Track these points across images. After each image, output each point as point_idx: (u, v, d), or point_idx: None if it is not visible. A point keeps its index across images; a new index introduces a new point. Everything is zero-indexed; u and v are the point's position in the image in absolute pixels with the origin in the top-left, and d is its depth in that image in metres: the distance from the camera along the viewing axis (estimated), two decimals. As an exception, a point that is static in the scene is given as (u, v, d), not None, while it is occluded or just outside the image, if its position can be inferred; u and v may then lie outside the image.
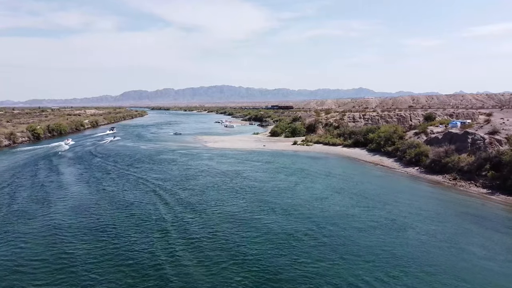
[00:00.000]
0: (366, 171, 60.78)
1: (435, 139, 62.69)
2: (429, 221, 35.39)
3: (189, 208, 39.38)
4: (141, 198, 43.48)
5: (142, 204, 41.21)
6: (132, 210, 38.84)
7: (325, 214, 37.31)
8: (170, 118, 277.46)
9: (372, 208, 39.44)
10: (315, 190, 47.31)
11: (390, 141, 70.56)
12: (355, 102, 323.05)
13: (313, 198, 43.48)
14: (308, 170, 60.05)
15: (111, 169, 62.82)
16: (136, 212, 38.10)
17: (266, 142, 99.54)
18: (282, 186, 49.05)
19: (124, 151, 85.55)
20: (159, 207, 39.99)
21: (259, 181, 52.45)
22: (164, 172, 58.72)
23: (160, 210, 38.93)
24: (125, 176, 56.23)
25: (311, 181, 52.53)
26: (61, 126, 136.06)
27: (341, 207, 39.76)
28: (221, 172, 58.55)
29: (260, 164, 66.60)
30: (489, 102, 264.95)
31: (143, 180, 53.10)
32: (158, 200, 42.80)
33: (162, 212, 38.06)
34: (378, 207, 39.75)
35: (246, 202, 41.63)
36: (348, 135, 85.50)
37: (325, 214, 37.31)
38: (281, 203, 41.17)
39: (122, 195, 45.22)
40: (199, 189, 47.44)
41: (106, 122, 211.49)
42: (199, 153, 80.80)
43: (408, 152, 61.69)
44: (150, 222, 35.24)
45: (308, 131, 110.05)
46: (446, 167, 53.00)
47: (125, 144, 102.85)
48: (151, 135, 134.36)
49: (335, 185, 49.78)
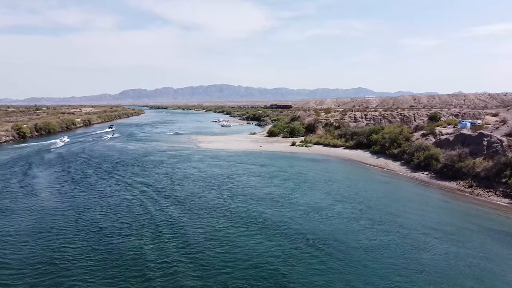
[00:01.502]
0: (370, 176, 55.36)
1: (445, 141, 57.29)
2: (447, 240, 29.99)
3: (168, 224, 33.90)
4: (112, 209, 37.97)
5: (112, 217, 35.74)
6: (100, 224, 33.36)
7: (324, 230, 31.88)
8: (166, 117, 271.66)
9: (379, 222, 34.04)
10: (313, 198, 41.88)
11: (396, 142, 65.13)
12: (355, 102, 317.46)
13: (311, 208, 38.07)
14: (307, 175, 54.63)
15: (91, 172, 57.30)
16: (104, 227, 32.63)
17: (263, 143, 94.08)
18: (277, 194, 43.61)
19: (110, 152, 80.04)
20: (133, 223, 34.51)
21: (252, 187, 47.00)
22: (146, 177, 53.20)
23: (133, 228, 33.46)
24: (103, 181, 50.74)
25: (310, 187, 47.12)
26: (50, 124, 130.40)
27: (343, 220, 34.37)
28: (210, 177, 53.09)
29: (255, 167, 61.15)
30: (492, 102, 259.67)
31: (120, 187, 47.61)
32: (133, 213, 37.32)
33: (134, 232, 32.59)
34: (386, 220, 34.36)
35: (233, 214, 36.17)
36: (350, 136, 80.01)
37: (324, 230, 31.88)
38: (274, 215, 35.74)
39: (93, 204, 39.71)
40: (183, 198, 41.93)
41: (100, 120, 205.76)
42: (189, 155, 75.31)
43: (416, 155, 56.28)
44: (118, 241, 29.79)
45: (307, 131, 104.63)
46: (460, 173, 47.61)
47: (114, 144, 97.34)
48: (144, 134, 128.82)
49: (336, 193, 44.36)
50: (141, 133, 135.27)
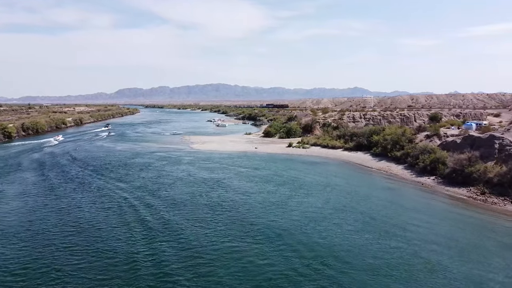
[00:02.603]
0: (372, 181, 51.48)
1: (452, 143, 53.54)
2: (465, 259, 26.14)
3: (147, 236, 29.89)
4: (89, 219, 33.87)
5: (88, 227, 31.67)
6: (64, 241, 29.29)
7: (323, 246, 27.95)
8: (161, 117, 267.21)
9: (385, 236, 30.18)
10: (310, 207, 37.96)
11: (398, 144, 61.32)
12: (353, 102, 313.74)
13: (308, 219, 34.16)
14: (304, 179, 50.72)
15: (71, 176, 53.09)
16: (75, 241, 28.57)
17: (259, 144, 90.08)
18: (271, 201, 39.64)
19: (97, 153, 75.79)
20: (108, 234, 30.47)
21: (243, 193, 43.01)
22: (129, 182, 49.08)
23: (108, 239, 29.42)
24: (84, 186, 46.58)
25: (306, 193, 43.19)
26: (38, 124, 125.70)
27: (345, 234, 30.48)
28: (200, 182, 49.07)
29: (248, 170, 57.17)
30: (490, 102, 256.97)
31: (98, 194, 43.50)
32: (110, 222, 33.24)
33: (112, 244, 28.55)
34: (392, 234, 30.50)
35: (221, 226, 32.18)
36: (349, 137, 76.14)
37: (323, 246, 27.95)
38: (267, 227, 31.79)
39: (68, 213, 35.59)
40: (166, 206, 37.86)
41: (92, 120, 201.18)
42: (180, 156, 71.18)
43: (421, 159, 52.49)
44: (91, 252, 25.74)
45: (304, 132, 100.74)
46: (470, 178, 43.83)
47: (103, 145, 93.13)
48: (135, 134, 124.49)
49: (336, 200, 40.44)
50: (133, 133, 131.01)
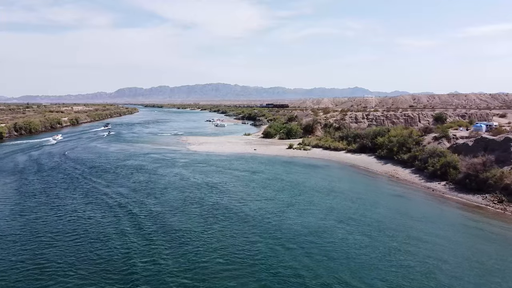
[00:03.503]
0: (378, 186, 48.09)
1: (463, 146, 50.20)
2: (490, 284, 22.81)
3: (128, 254, 26.53)
4: (64, 230, 30.49)
5: (62, 238, 28.30)
6: (49, 250, 25.92)
7: (327, 267, 24.54)
8: (160, 116, 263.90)
9: (398, 253, 26.81)
10: (312, 217, 34.60)
11: (405, 147, 57.99)
12: (354, 101, 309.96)
13: (309, 231, 30.79)
14: (305, 184, 47.37)
15: (55, 182, 49.68)
16: (47, 255, 25.20)
17: (258, 145, 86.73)
18: (268, 210, 36.28)
19: (88, 155, 72.43)
20: (84, 247, 27.09)
21: (239, 201, 39.64)
22: (117, 186, 45.63)
23: (83, 252, 26.05)
24: (66, 193, 43.18)
25: (308, 201, 39.82)
26: (31, 124, 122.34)
27: (351, 251, 27.09)
28: (193, 186, 45.70)
29: (246, 174, 53.82)
30: (493, 103, 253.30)
31: (81, 202, 40.14)
32: (87, 234, 29.86)
33: (92, 256, 25.18)
34: (403, 251, 27.10)
35: (212, 239, 28.80)
36: (352, 138, 72.77)
37: (327, 267, 24.54)
38: (263, 241, 28.39)
39: (44, 221, 32.21)
40: (153, 215, 34.46)
41: (89, 120, 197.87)
42: (175, 159, 67.83)
43: (430, 162, 49.15)
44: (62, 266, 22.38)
45: (305, 133, 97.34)
46: (485, 184, 40.48)
47: (96, 145, 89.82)
48: (131, 135, 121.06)
49: (339, 209, 37.09)
50: (129, 133, 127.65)
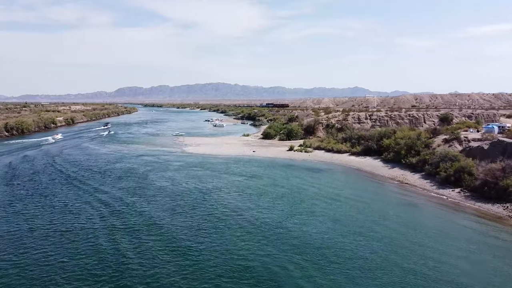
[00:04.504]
0: (386, 193, 44.28)
1: (478, 149, 46.51)
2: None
3: (107, 272, 22.81)
4: (35, 245, 26.75)
5: (34, 253, 24.57)
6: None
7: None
8: (158, 116, 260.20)
9: (415, 276, 23.10)
10: (314, 229, 30.88)
11: (414, 149, 54.28)
12: (355, 101, 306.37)
13: (311, 247, 27.10)
14: (306, 191, 43.64)
15: (36, 187, 45.93)
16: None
17: (257, 147, 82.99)
18: (265, 221, 32.57)
19: (78, 157, 68.69)
20: (54, 268, 23.37)
21: (233, 210, 35.92)
22: (102, 193, 41.89)
23: (52, 272, 22.33)
24: (45, 201, 39.45)
25: (309, 211, 36.05)
26: (23, 124, 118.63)
27: (360, 272, 23.37)
28: (185, 193, 41.98)
29: (243, 179, 50.09)
30: (497, 103, 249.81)
31: (60, 209, 36.39)
32: (62, 249, 26.13)
33: (66, 272, 21.47)
34: (422, 275, 23.37)
35: (200, 256, 25.03)
36: (356, 140, 69.02)
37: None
38: (257, 258, 24.68)
39: (16, 237, 28.50)
40: (137, 226, 30.70)
41: (86, 119, 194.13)
42: (168, 161, 64.10)
43: (442, 167, 45.42)
44: None
45: (306, 134, 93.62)
46: (507, 193, 36.76)
47: (88, 146, 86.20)
48: (126, 135, 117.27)
49: (345, 221, 33.35)
50: (125, 133, 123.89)
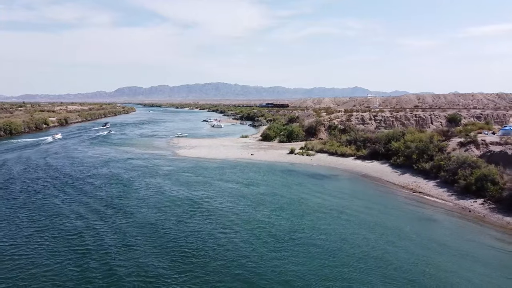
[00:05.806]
0: (399, 204, 39.12)
1: (501, 155, 41.57)
2: None
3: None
4: None
5: None
6: None
7: None
8: (156, 116, 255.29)
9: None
10: (319, 250, 25.96)
11: (426, 154, 49.33)
12: (356, 101, 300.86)
13: (314, 276, 22.18)
14: (308, 202, 38.68)
15: (7, 194, 41.08)
16: None
17: (255, 149, 78.02)
18: (263, 239, 27.60)
19: (60, 160, 63.77)
20: None
21: (225, 225, 30.98)
22: (78, 203, 36.96)
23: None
24: (12, 212, 34.58)
25: (312, 227, 31.08)
26: (12, 124, 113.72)
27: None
28: (172, 204, 37.03)
29: (238, 187, 45.16)
30: (501, 103, 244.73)
31: (33, 223, 31.49)
32: (16, 272, 21.23)
33: None
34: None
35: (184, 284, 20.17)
36: (361, 143, 64.04)
37: None
38: (251, 284, 19.84)
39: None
40: (114, 246, 25.79)
41: (80, 119, 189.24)
42: (158, 165, 59.16)
43: (461, 174, 40.46)
44: None
45: (308, 135, 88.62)
46: (540, 206, 31.86)
47: (76, 148, 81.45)
48: (119, 137, 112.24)
49: (353, 241, 28.37)
50: (118, 134, 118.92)
